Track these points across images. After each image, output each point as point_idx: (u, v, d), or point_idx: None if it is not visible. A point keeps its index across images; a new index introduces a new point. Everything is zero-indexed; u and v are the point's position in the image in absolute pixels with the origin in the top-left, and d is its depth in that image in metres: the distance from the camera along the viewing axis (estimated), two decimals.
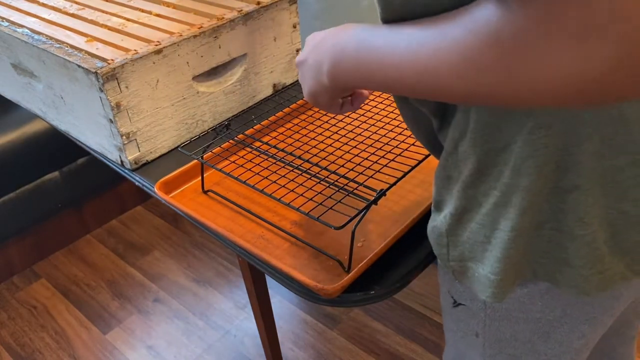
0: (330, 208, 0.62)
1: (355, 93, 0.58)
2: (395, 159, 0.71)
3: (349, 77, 0.47)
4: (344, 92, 0.53)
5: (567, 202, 0.45)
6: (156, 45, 0.79)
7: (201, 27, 0.83)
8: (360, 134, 0.80)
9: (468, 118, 0.44)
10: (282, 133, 0.84)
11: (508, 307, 0.53)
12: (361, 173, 0.69)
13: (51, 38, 0.85)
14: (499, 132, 0.43)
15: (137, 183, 0.81)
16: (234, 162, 0.77)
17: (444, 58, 0.36)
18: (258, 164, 0.76)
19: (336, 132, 0.82)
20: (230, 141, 0.80)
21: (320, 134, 0.81)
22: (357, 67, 0.45)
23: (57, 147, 1.68)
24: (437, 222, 0.53)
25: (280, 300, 1.60)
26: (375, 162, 0.71)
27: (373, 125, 0.83)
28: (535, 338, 0.54)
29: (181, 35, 0.81)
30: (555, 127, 0.41)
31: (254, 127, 0.84)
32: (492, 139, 0.44)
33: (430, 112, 0.49)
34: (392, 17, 0.43)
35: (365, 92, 0.60)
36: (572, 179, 0.43)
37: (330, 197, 0.65)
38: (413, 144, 0.73)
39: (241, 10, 0.88)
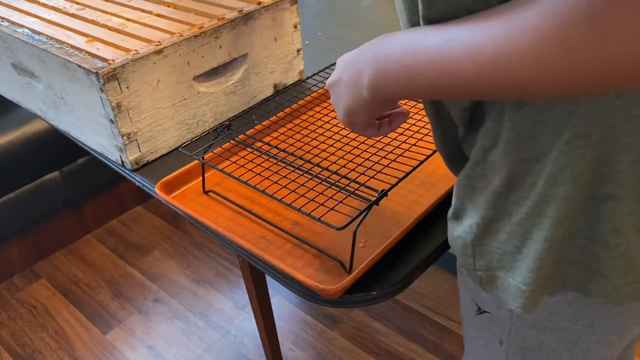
0: (332, 209, 0.62)
1: (393, 113, 0.57)
2: (397, 160, 0.71)
3: (394, 85, 0.44)
4: (386, 105, 0.51)
5: (603, 212, 0.44)
6: (157, 45, 0.79)
7: (202, 27, 0.83)
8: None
9: (501, 127, 0.43)
10: (283, 133, 0.84)
11: (535, 315, 0.52)
12: (362, 173, 0.69)
13: (51, 38, 0.84)
14: (534, 141, 0.42)
15: (137, 183, 0.81)
16: (234, 162, 0.77)
17: (517, 44, 0.33)
18: (259, 165, 0.76)
19: (337, 133, 0.82)
20: (231, 141, 0.80)
21: (322, 134, 0.81)
22: (404, 71, 0.42)
23: (57, 147, 1.68)
24: (460, 232, 0.52)
25: (280, 300, 1.60)
26: (377, 162, 0.71)
27: None
28: (561, 347, 0.54)
29: (182, 36, 0.81)
30: (594, 137, 0.41)
31: (255, 128, 0.84)
32: (526, 149, 0.43)
33: (460, 119, 0.49)
34: (437, 16, 0.41)
35: (406, 110, 0.58)
36: (609, 188, 0.43)
37: (331, 197, 0.65)
38: (414, 145, 0.73)
39: (242, 11, 0.88)
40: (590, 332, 0.52)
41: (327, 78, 0.96)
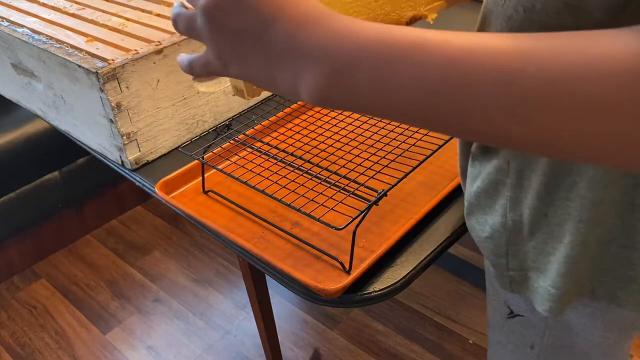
0: (331, 209, 0.62)
1: None
2: (397, 160, 0.71)
3: (355, 96, 0.32)
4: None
5: None
6: (157, 45, 0.79)
7: None
8: (361, 134, 0.80)
9: None
10: (283, 133, 0.84)
11: (570, 319, 0.51)
12: (362, 174, 0.69)
13: (51, 38, 0.84)
14: None
15: (137, 183, 0.81)
16: (234, 162, 0.77)
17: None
18: (259, 165, 0.76)
19: (337, 132, 0.81)
20: (231, 141, 0.80)
21: (321, 134, 0.81)
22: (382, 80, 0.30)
23: (57, 147, 1.68)
24: (491, 232, 0.50)
25: (280, 300, 1.60)
26: (377, 162, 0.71)
27: (374, 125, 0.83)
28: (592, 352, 0.53)
29: (182, 35, 0.81)
30: None
31: (255, 127, 0.84)
32: None
33: None
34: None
35: None
36: None
37: (331, 197, 0.65)
38: (414, 145, 0.73)
39: None
40: (624, 342, 0.51)
41: None
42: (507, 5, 0.40)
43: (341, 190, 0.66)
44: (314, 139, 0.80)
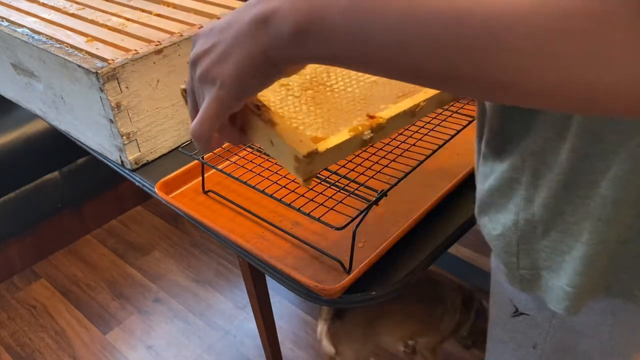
0: (331, 209, 0.62)
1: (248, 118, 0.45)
2: (396, 160, 0.71)
3: (332, 39, 0.33)
4: (291, 69, 0.39)
5: None
6: (156, 45, 0.79)
7: (202, 27, 0.83)
8: None
9: (571, 119, 0.41)
10: None
11: (577, 319, 0.51)
12: (362, 173, 0.69)
13: (51, 38, 0.84)
14: (602, 140, 0.40)
15: (137, 183, 0.81)
16: (234, 162, 0.77)
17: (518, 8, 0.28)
18: (259, 165, 0.76)
19: None
20: None
21: None
22: (352, 23, 0.32)
23: (57, 147, 1.68)
24: (502, 230, 0.50)
25: (280, 300, 1.60)
26: (376, 162, 0.71)
27: None
28: (596, 354, 0.53)
29: (181, 35, 0.81)
30: None
31: None
32: (593, 146, 0.41)
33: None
34: None
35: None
36: None
37: (331, 197, 0.65)
38: (414, 145, 0.73)
39: None
40: (630, 342, 0.51)
41: None
42: None
43: (341, 190, 0.66)
44: None
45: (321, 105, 0.50)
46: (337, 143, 0.46)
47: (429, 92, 0.53)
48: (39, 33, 0.87)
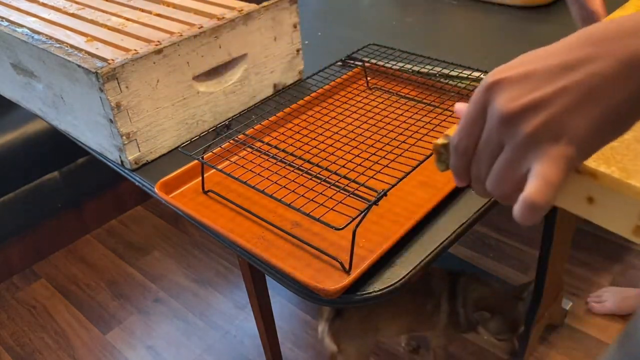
0: (331, 209, 0.62)
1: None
2: (396, 160, 0.71)
3: None
4: None
5: None
6: (156, 45, 0.79)
7: (201, 27, 0.83)
8: (361, 134, 0.80)
9: None
10: (282, 133, 0.84)
11: None
12: (362, 174, 0.69)
13: (51, 38, 0.84)
14: None
15: (137, 183, 0.81)
16: (234, 162, 0.77)
17: None
18: (259, 164, 0.76)
19: (337, 132, 0.81)
20: (231, 141, 0.80)
21: (321, 134, 0.81)
22: None
23: (57, 147, 1.68)
24: None
25: (280, 300, 1.60)
26: (376, 162, 0.71)
27: (374, 125, 0.83)
28: None
29: (181, 35, 0.81)
30: None
31: (255, 127, 0.84)
32: None
33: None
34: None
35: None
36: None
37: (331, 197, 0.65)
38: (414, 145, 0.73)
39: (241, 10, 0.88)
40: None
41: (326, 78, 0.96)
42: None
43: (341, 190, 0.66)
44: (314, 139, 0.80)
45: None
46: None
47: None
48: (38, 33, 0.86)
